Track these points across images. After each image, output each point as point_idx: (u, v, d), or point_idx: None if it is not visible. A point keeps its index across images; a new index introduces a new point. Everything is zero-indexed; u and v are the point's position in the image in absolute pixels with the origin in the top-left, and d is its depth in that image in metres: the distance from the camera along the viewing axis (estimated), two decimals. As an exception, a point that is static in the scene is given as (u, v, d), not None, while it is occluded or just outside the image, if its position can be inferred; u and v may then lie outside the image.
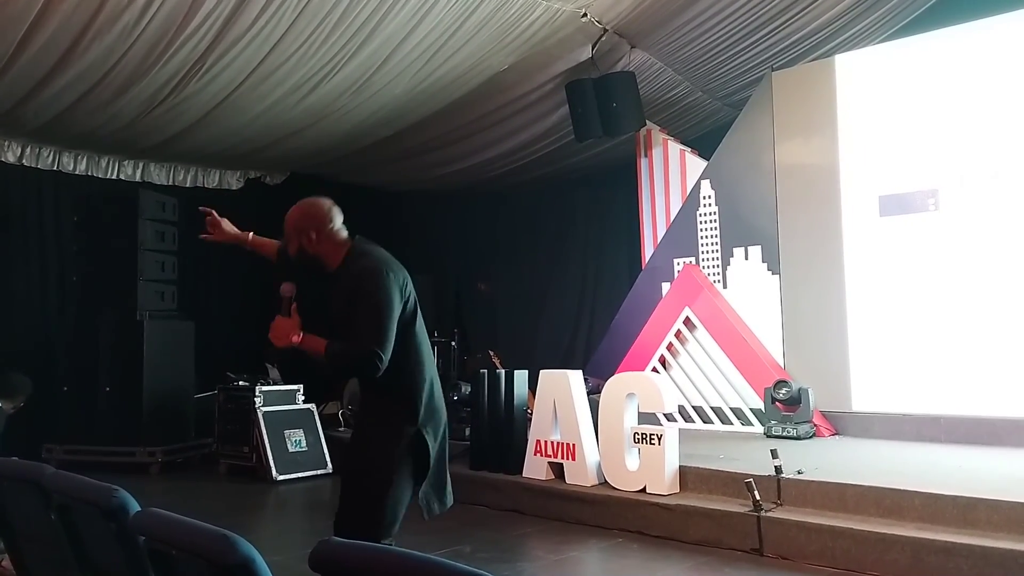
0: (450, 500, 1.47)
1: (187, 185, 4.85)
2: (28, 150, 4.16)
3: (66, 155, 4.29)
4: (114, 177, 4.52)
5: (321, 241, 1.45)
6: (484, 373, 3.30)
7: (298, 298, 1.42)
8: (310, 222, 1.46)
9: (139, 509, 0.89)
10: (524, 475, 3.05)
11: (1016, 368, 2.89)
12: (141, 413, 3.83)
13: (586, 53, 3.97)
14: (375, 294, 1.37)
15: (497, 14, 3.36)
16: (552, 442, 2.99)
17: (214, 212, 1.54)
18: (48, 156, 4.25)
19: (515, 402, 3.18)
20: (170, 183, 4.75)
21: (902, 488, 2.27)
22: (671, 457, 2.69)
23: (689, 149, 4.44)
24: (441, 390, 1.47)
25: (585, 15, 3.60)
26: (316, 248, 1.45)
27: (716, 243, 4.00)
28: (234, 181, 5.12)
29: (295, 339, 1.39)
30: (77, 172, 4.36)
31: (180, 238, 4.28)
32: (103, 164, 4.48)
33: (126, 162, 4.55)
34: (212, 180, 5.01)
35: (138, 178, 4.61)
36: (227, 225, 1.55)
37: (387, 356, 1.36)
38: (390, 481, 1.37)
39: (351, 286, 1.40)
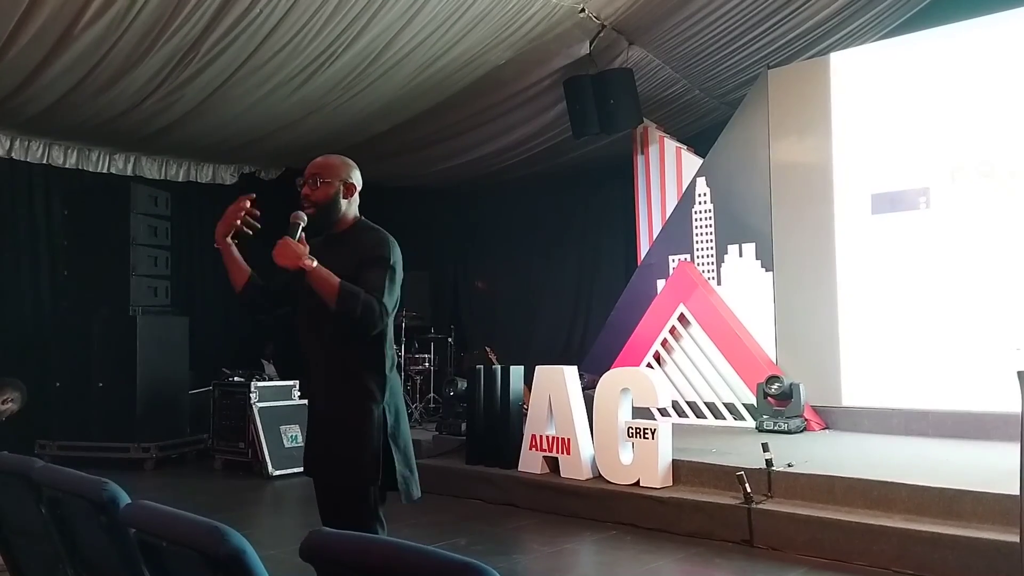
0: (419, 489, 1.39)
1: (180, 180, 4.80)
2: (17, 143, 4.10)
3: (56, 148, 4.23)
4: (105, 171, 4.46)
5: (350, 199, 1.40)
6: (480, 369, 3.32)
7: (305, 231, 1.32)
8: (352, 174, 1.42)
9: (129, 502, 0.88)
10: (519, 469, 3.06)
11: (1002, 364, 2.92)
12: (135, 409, 3.81)
13: (584, 49, 3.96)
14: (391, 260, 1.36)
15: (494, 8, 3.34)
16: (547, 436, 3.01)
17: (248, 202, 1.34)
18: (38, 149, 4.19)
19: (511, 397, 3.19)
20: (162, 177, 4.70)
21: (889, 480, 2.30)
22: (664, 451, 2.71)
23: (685, 146, 4.45)
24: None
25: (583, 11, 3.58)
26: (347, 200, 1.39)
27: (711, 240, 4.02)
28: (228, 176, 5.08)
29: (308, 263, 1.27)
30: (67, 165, 4.31)
31: (173, 233, 4.24)
32: (94, 157, 4.42)
33: (117, 155, 4.50)
34: (205, 175, 4.96)
35: (129, 172, 4.55)
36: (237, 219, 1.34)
37: (390, 315, 1.33)
38: (366, 463, 1.32)
39: (364, 249, 1.36)
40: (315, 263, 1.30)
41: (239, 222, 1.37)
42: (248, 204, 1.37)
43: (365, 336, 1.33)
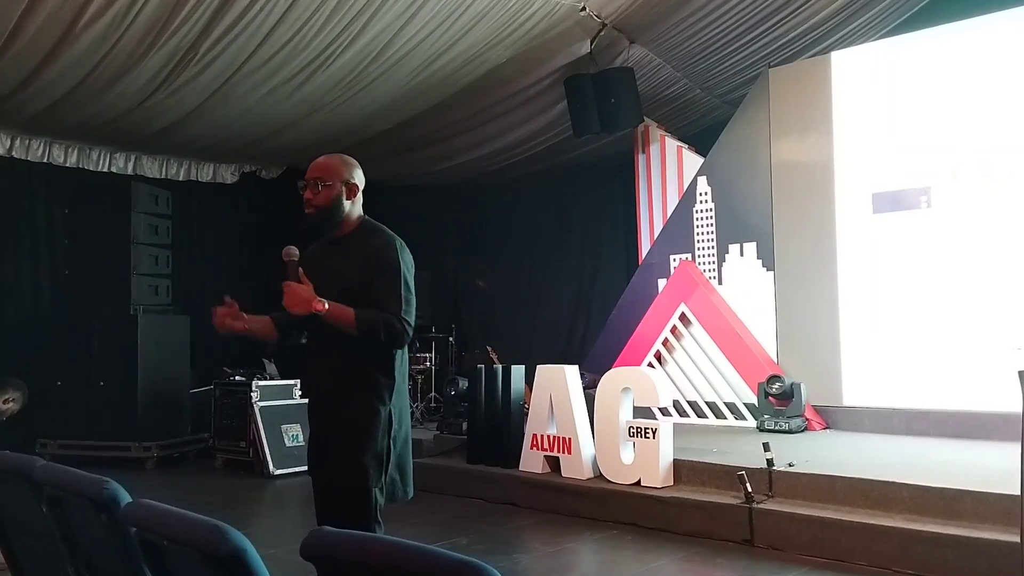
0: (412, 490, 1.39)
1: (180, 179, 4.81)
2: (18, 142, 4.10)
3: (56, 147, 4.24)
4: (106, 170, 4.46)
5: (354, 199, 1.38)
6: (481, 368, 3.32)
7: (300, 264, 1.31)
8: (355, 175, 1.39)
9: (130, 501, 0.88)
10: (520, 468, 3.07)
11: (1003, 363, 2.92)
12: (136, 408, 3.81)
13: (585, 48, 3.96)
14: (400, 267, 1.34)
15: (495, 7, 3.33)
16: (548, 436, 3.01)
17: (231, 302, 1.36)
18: (38, 148, 4.19)
19: (512, 397, 3.19)
20: (163, 176, 4.70)
21: (890, 480, 2.30)
22: (665, 451, 2.71)
23: (686, 146, 4.44)
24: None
25: (584, 9, 3.58)
26: (350, 201, 1.37)
27: (712, 239, 4.01)
28: (228, 175, 5.08)
29: (319, 307, 1.27)
30: (68, 164, 4.31)
31: (174, 231, 4.24)
32: (94, 156, 4.42)
33: (118, 154, 4.50)
34: (206, 174, 4.96)
35: (130, 171, 4.55)
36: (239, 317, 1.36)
37: (412, 326, 1.33)
38: (369, 465, 1.31)
39: (370, 255, 1.34)
40: (327, 305, 1.29)
41: (238, 322, 1.36)
42: (227, 302, 1.36)
43: (393, 350, 1.33)
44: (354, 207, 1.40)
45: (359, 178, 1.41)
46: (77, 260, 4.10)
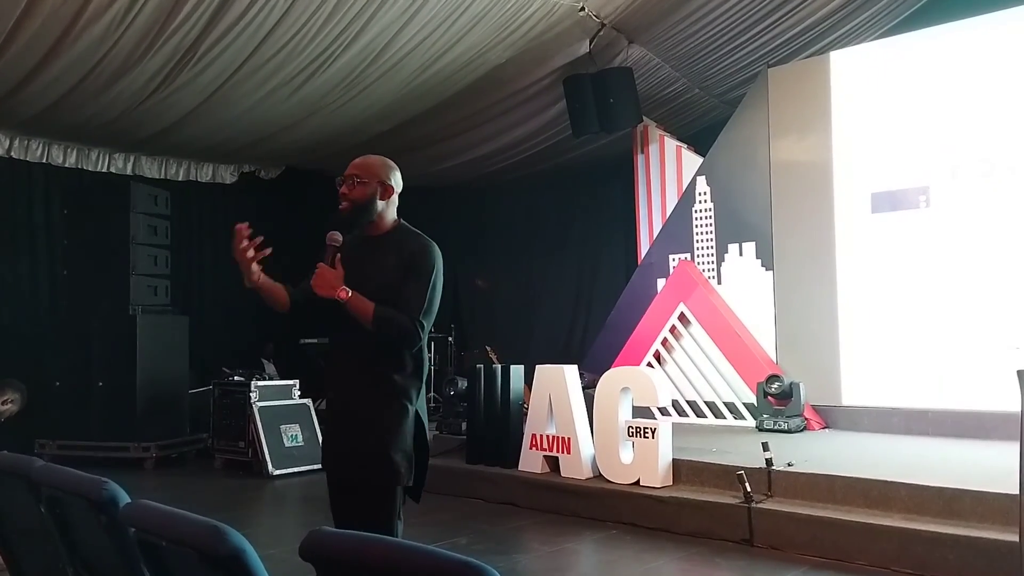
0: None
1: (179, 179, 4.82)
2: (17, 142, 4.11)
3: (55, 147, 4.24)
4: (104, 170, 4.47)
5: (389, 199, 1.41)
6: (481, 368, 3.32)
7: (341, 251, 1.32)
8: (393, 176, 1.42)
9: (129, 501, 0.89)
10: (520, 468, 3.07)
11: (1002, 363, 2.92)
12: (135, 408, 3.81)
13: (584, 48, 3.97)
14: (432, 273, 1.37)
15: (494, 7, 3.34)
16: (547, 436, 3.01)
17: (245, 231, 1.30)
18: (37, 148, 4.20)
19: (511, 396, 3.19)
20: (162, 176, 4.71)
21: (889, 480, 2.31)
22: (664, 450, 2.72)
23: (685, 145, 4.45)
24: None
25: (583, 9, 3.59)
26: (384, 202, 1.39)
27: (711, 239, 4.02)
28: (228, 175, 5.08)
29: (343, 294, 1.30)
30: (67, 165, 4.32)
31: (173, 232, 4.25)
32: (93, 157, 4.43)
33: (117, 155, 4.51)
34: (205, 174, 4.97)
35: (129, 171, 4.56)
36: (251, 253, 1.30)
37: (427, 333, 1.35)
38: (400, 464, 1.31)
39: (407, 258, 1.36)
40: (350, 293, 1.32)
41: (251, 255, 1.33)
42: (247, 233, 1.33)
43: (403, 351, 1.35)
44: (388, 208, 1.42)
45: (396, 180, 1.43)
46: (76, 260, 4.10)
